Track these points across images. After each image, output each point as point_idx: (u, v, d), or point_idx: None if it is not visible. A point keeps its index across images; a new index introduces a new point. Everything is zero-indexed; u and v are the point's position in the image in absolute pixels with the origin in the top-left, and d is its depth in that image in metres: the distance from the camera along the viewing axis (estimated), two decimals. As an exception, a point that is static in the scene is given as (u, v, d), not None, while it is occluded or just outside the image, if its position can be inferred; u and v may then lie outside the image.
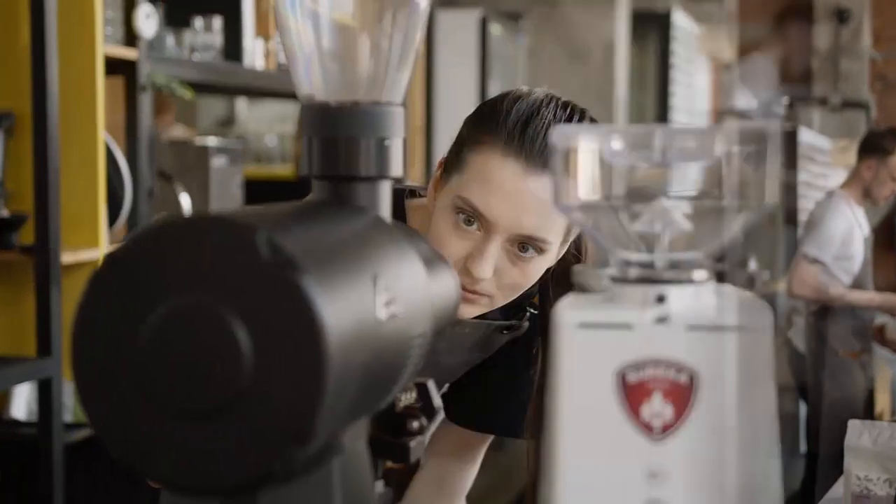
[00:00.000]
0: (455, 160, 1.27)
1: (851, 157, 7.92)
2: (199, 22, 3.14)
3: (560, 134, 0.68)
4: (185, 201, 3.09)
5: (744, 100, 6.03)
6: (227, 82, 3.40)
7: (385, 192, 0.76)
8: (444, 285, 0.81)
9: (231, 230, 0.59)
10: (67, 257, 2.49)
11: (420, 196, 1.42)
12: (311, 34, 0.74)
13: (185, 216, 0.61)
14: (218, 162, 3.26)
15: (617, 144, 0.68)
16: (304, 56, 0.75)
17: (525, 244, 1.24)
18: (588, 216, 0.69)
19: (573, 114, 1.26)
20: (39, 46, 2.40)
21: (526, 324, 1.43)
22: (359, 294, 0.63)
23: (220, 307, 0.58)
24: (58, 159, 2.43)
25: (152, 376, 0.59)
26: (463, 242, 1.24)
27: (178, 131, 4.35)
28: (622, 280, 0.68)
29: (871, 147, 4.60)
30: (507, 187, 1.22)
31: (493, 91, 4.89)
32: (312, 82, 0.75)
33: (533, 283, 1.28)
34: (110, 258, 0.60)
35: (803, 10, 7.23)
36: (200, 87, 3.45)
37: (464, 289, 1.24)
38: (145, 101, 2.80)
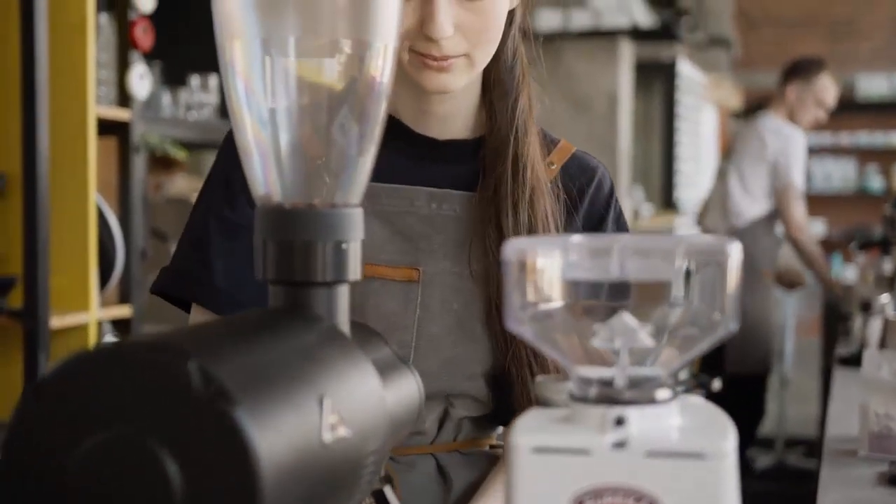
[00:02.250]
0: None
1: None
2: (195, 80, 3.13)
3: (514, 247, 0.65)
4: (180, 260, 3.06)
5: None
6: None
7: (343, 297, 0.73)
8: (404, 392, 0.78)
9: (161, 358, 0.56)
10: (57, 322, 2.46)
11: None
12: (266, 133, 0.72)
13: (115, 342, 0.58)
14: (215, 219, 3.23)
15: (574, 256, 0.65)
16: (260, 155, 0.72)
17: None
18: (544, 330, 0.66)
19: None
20: (31, 107, 2.39)
21: None
22: (302, 419, 0.60)
23: (149, 440, 0.55)
24: (48, 221, 2.41)
25: (79, 512, 0.56)
26: (409, 12, 1.17)
27: (181, 183, 4.33)
28: (581, 399, 0.65)
29: (796, 70, 4.60)
30: None
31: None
32: (268, 183, 0.72)
33: (500, 24, 1.22)
34: (37, 387, 0.58)
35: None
36: (196, 146, 3.44)
37: (434, 58, 1.19)
38: (138, 162, 2.78)
